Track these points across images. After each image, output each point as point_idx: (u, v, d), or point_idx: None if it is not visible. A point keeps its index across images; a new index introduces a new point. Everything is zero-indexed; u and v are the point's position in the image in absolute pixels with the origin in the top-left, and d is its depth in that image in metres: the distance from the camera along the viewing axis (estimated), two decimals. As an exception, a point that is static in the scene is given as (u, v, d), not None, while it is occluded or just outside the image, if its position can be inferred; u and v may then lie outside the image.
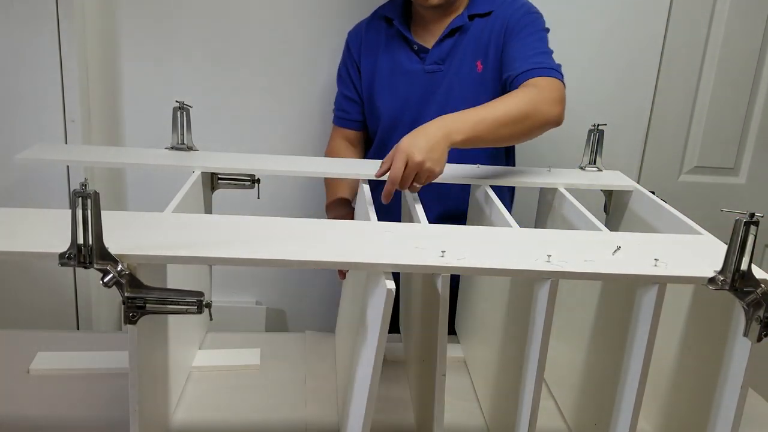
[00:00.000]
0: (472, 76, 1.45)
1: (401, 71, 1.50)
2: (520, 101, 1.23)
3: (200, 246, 0.86)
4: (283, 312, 2.13)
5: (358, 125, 1.60)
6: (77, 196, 0.76)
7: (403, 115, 1.50)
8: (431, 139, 1.13)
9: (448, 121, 1.17)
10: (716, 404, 0.95)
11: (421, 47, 1.48)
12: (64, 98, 1.72)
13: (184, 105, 1.35)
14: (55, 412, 1.10)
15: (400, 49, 1.50)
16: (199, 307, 0.83)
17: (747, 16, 1.95)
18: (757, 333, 0.87)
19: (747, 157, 2.08)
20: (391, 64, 1.51)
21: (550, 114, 1.26)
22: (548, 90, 1.28)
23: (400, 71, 1.50)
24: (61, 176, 1.77)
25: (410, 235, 0.97)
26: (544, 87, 1.29)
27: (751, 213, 0.82)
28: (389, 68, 1.51)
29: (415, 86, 1.49)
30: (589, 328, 1.08)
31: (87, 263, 0.79)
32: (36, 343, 1.27)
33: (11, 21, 1.67)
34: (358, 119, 1.60)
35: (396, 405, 1.17)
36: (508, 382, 1.03)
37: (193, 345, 1.28)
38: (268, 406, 1.15)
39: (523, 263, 0.88)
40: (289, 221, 0.99)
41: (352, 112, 1.59)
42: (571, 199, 1.24)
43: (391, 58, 1.51)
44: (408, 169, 1.11)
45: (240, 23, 1.84)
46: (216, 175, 1.35)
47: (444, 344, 0.91)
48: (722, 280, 0.86)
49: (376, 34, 1.54)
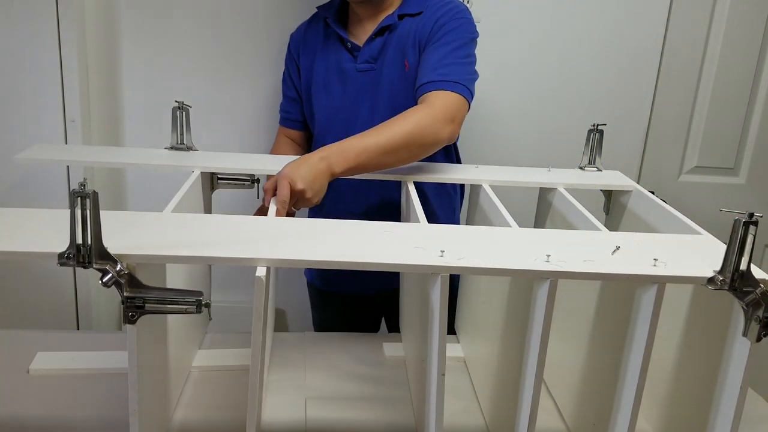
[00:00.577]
0: (400, 74, 1.44)
1: (336, 70, 1.50)
2: (407, 125, 1.22)
3: (200, 246, 0.87)
4: (283, 312, 2.13)
5: (299, 125, 1.62)
6: (76, 196, 0.76)
7: (337, 114, 1.50)
8: (313, 170, 1.15)
9: (331, 152, 1.18)
10: (715, 404, 0.95)
11: (354, 45, 1.48)
12: (64, 98, 1.73)
13: (183, 105, 1.35)
14: (55, 412, 1.10)
15: (336, 49, 1.50)
16: (198, 306, 0.83)
17: (747, 16, 1.95)
18: (756, 333, 0.87)
19: (747, 157, 2.07)
20: (327, 63, 1.51)
21: (438, 136, 1.25)
22: (440, 107, 1.26)
23: (334, 70, 1.50)
24: (61, 176, 1.78)
25: (410, 234, 0.97)
26: (437, 104, 1.27)
27: (751, 213, 0.82)
28: (324, 67, 1.51)
29: (348, 85, 1.49)
30: (588, 328, 1.08)
31: (86, 263, 0.79)
32: (36, 343, 1.27)
33: (11, 21, 1.67)
34: (299, 119, 1.61)
35: (396, 405, 1.17)
36: (507, 381, 1.03)
37: (193, 345, 1.28)
38: (268, 406, 1.15)
39: (522, 263, 0.88)
40: (288, 221, 0.99)
41: (293, 111, 1.61)
42: (570, 199, 1.24)
43: (327, 58, 1.51)
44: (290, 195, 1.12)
45: (240, 23, 1.84)
46: (215, 175, 1.35)
47: (443, 344, 0.91)
48: (721, 280, 0.86)
49: (315, 34, 1.54)
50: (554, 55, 1.90)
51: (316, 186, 1.15)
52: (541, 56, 1.90)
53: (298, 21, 1.72)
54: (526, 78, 1.91)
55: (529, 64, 1.88)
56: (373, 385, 1.22)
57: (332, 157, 1.17)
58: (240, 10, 1.83)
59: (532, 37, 1.88)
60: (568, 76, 1.92)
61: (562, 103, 1.93)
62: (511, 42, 1.87)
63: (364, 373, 1.26)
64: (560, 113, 1.90)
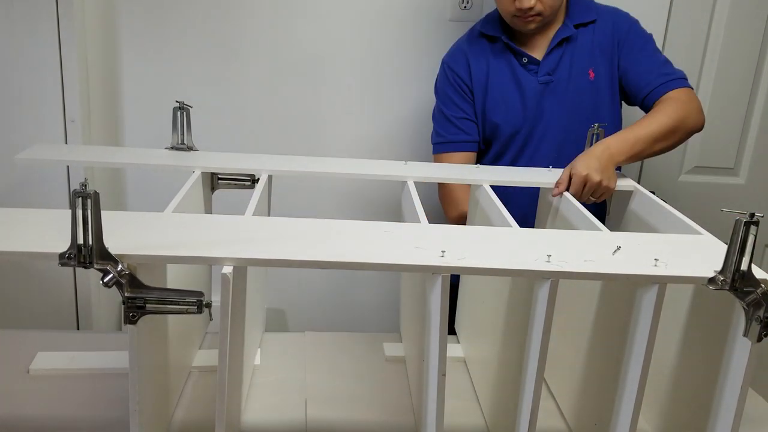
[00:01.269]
0: (586, 84, 1.51)
1: (514, 85, 1.54)
2: (669, 117, 1.38)
3: (200, 246, 0.86)
4: (283, 312, 2.13)
5: (476, 146, 1.59)
6: (77, 196, 0.76)
7: (521, 127, 1.54)
8: (602, 161, 1.30)
9: (611, 143, 1.33)
10: (716, 404, 0.95)
11: (532, 59, 1.52)
12: (64, 98, 1.72)
13: (184, 105, 1.35)
14: (55, 412, 1.10)
15: (509, 63, 1.54)
16: (199, 307, 0.83)
17: (747, 16, 1.95)
18: (757, 333, 0.87)
19: (747, 157, 2.07)
20: (503, 79, 1.54)
21: (696, 123, 1.42)
22: (689, 101, 1.42)
23: (513, 85, 1.54)
24: (61, 176, 1.77)
25: (410, 234, 0.97)
26: (684, 99, 1.42)
27: (751, 213, 0.82)
28: (500, 83, 1.54)
29: (529, 98, 1.53)
30: (589, 328, 1.08)
31: (87, 263, 0.79)
32: (36, 343, 1.27)
33: (11, 21, 1.67)
34: (477, 139, 1.58)
35: (396, 405, 1.17)
36: (508, 381, 1.03)
37: (193, 345, 1.28)
38: (268, 406, 1.15)
39: (523, 263, 0.88)
40: (288, 221, 0.99)
41: (472, 132, 1.58)
42: (571, 199, 1.24)
43: (502, 73, 1.54)
44: (586, 188, 1.28)
45: (240, 23, 1.84)
46: (216, 175, 1.35)
47: (444, 344, 0.91)
48: (722, 280, 0.86)
49: (482, 53, 1.56)
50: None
51: (608, 173, 1.30)
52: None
53: (298, 19, 1.72)
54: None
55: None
56: (373, 385, 1.22)
57: (613, 147, 1.33)
58: (240, 10, 1.83)
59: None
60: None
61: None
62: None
63: (364, 373, 1.26)
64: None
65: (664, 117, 1.38)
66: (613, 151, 1.32)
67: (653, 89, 1.45)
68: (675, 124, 1.38)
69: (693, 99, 1.43)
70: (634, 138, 1.35)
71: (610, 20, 1.52)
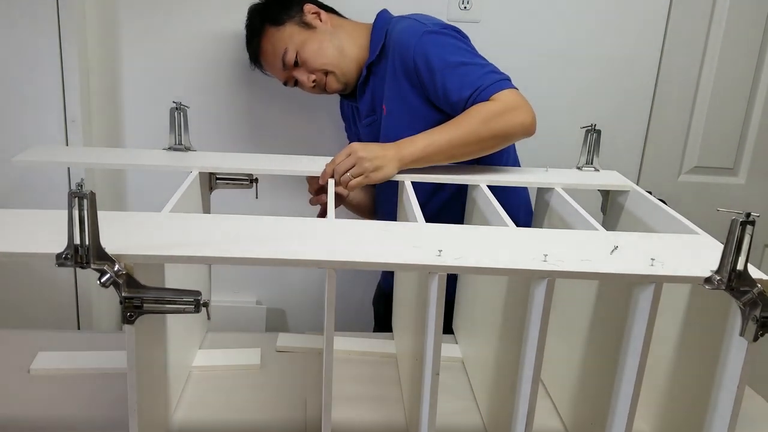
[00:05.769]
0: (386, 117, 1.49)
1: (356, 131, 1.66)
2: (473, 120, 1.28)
3: (198, 245, 0.87)
4: (283, 312, 2.13)
5: None
6: (73, 196, 0.77)
7: None
8: (381, 147, 1.26)
9: (402, 141, 1.28)
10: (713, 404, 0.95)
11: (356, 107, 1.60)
12: (65, 98, 1.73)
13: (181, 105, 1.35)
14: (55, 412, 1.10)
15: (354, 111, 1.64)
16: (197, 306, 0.83)
17: (747, 16, 1.95)
18: (753, 332, 0.87)
19: (747, 157, 2.07)
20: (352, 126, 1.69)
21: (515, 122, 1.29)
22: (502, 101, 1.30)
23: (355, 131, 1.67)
24: (62, 177, 1.78)
25: (407, 234, 0.98)
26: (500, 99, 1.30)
27: (747, 213, 0.82)
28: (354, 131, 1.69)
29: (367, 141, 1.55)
30: (585, 327, 1.08)
31: (84, 263, 0.79)
32: (36, 343, 1.27)
33: (11, 21, 1.67)
34: None
35: (387, 403, 1.17)
36: (505, 381, 1.03)
37: (193, 345, 1.28)
38: (268, 406, 1.15)
39: (519, 263, 0.88)
40: (287, 221, 1.00)
41: None
42: (568, 199, 1.24)
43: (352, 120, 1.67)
44: (348, 159, 1.22)
45: (240, 23, 1.84)
46: (214, 175, 1.36)
47: (439, 343, 0.91)
48: (719, 280, 0.86)
49: None
50: (553, 55, 1.90)
51: (378, 161, 1.23)
52: (540, 56, 1.90)
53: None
54: (525, 78, 1.91)
55: (528, 65, 1.88)
56: (366, 384, 1.23)
57: (403, 144, 1.27)
58: (240, 10, 1.83)
59: (532, 37, 1.88)
60: (567, 76, 1.92)
61: (560, 103, 1.93)
62: (511, 43, 1.87)
63: (364, 373, 1.26)
64: (559, 113, 1.90)
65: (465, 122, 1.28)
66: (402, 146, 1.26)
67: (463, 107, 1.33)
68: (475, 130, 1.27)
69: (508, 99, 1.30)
70: (428, 140, 1.27)
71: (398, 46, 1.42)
